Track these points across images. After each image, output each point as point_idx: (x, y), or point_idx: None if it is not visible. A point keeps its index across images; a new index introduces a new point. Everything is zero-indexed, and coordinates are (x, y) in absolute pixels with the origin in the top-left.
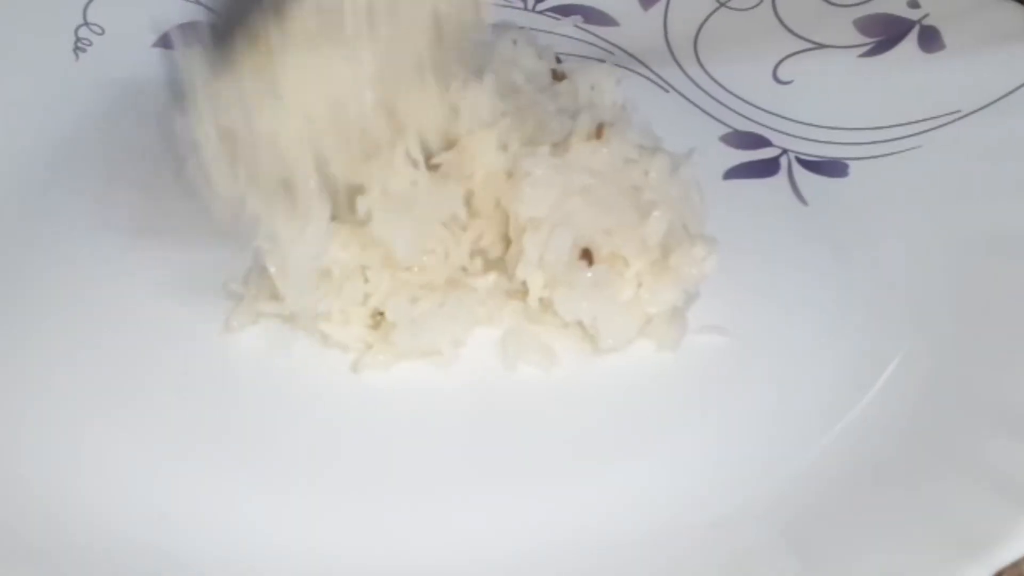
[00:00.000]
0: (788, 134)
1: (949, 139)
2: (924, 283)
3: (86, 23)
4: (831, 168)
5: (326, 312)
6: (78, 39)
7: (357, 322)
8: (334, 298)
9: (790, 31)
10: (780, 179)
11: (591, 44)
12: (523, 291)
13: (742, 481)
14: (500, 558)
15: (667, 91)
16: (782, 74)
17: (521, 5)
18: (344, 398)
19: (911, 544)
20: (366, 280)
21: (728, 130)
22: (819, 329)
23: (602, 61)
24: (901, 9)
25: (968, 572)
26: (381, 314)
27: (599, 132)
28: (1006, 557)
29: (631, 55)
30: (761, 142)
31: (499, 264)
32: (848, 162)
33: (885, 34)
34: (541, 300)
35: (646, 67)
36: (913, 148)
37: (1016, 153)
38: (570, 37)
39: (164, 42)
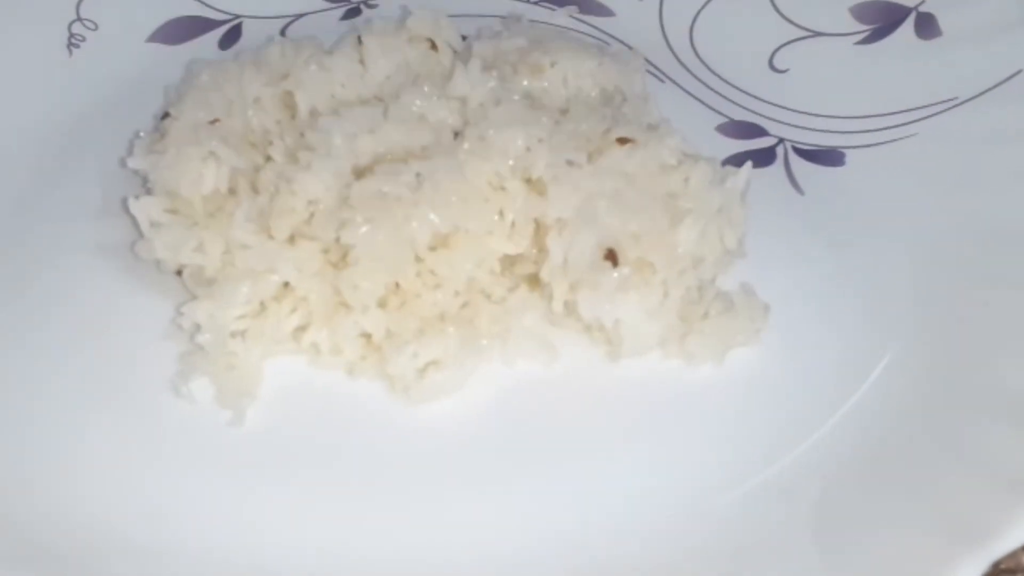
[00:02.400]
0: (784, 123)
1: (946, 127)
2: (922, 272)
3: (79, 18)
4: (828, 157)
5: (314, 343)
6: (71, 35)
7: (349, 351)
8: (320, 327)
9: (786, 19)
10: (776, 168)
11: (587, 35)
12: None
13: (739, 473)
14: (512, 546)
15: (663, 81)
16: (778, 63)
17: None
18: (340, 397)
19: (910, 536)
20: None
21: (724, 120)
22: (816, 319)
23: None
24: None
25: (967, 563)
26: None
27: (622, 142)
28: (1004, 547)
29: (627, 45)
30: (757, 131)
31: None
32: (845, 151)
33: (881, 21)
34: (566, 304)
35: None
36: (910, 136)
37: (1013, 140)
38: (566, 28)
39: (158, 37)
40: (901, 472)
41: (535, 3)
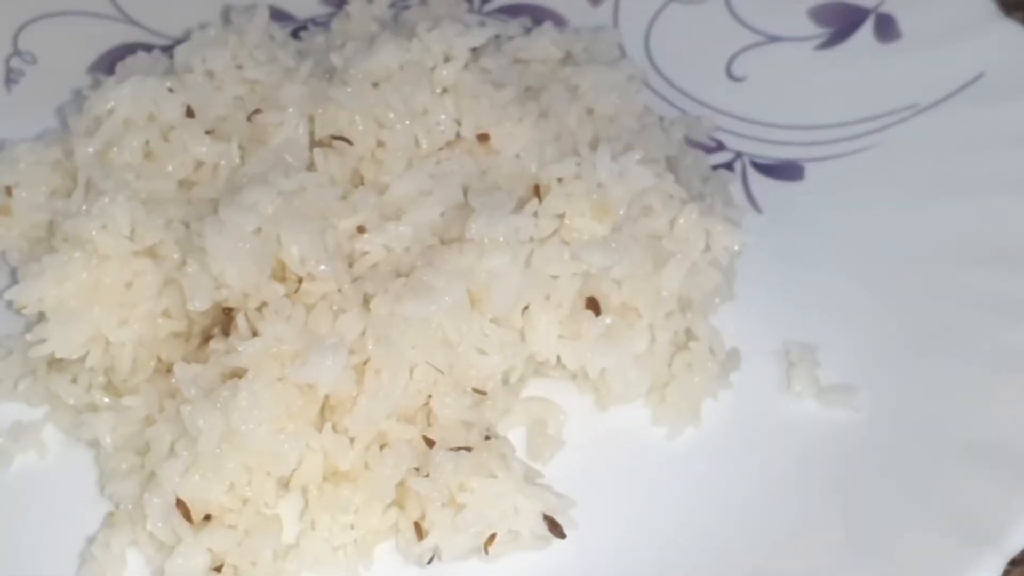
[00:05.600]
0: (742, 135)
1: (907, 136)
2: (884, 294)
3: (17, 52)
4: (786, 171)
5: None
6: (10, 70)
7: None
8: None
9: (743, 24)
10: (734, 186)
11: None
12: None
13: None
14: None
15: None
16: (735, 71)
17: (467, 7)
18: None
19: (927, 531)
20: None
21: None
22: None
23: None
24: None
25: (983, 560)
26: None
27: (536, 191)
28: (1019, 543)
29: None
30: (715, 145)
31: None
32: (804, 164)
33: (840, 23)
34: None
35: None
36: (870, 147)
37: (977, 147)
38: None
39: (99, 67)
40: (916, 472)
41: (487, 14)
